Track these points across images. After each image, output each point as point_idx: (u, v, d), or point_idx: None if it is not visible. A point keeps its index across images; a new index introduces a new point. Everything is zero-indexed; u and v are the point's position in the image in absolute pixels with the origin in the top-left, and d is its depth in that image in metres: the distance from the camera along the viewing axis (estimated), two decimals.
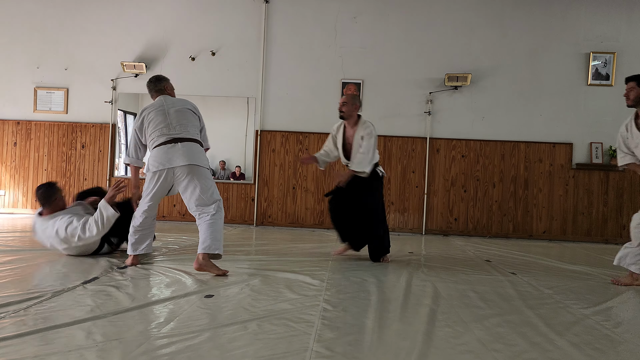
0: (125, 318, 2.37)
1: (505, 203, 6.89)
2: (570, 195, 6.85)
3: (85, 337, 2.07)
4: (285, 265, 3.93)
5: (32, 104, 7.30)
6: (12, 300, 2.56)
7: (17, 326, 2.17)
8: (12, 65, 7.33)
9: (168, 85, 4.21)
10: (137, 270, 3.53)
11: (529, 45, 6.92)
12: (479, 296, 3.11)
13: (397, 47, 7.01)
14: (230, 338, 2.14)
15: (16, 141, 7.30)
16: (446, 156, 6.94)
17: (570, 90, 6.88)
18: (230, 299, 2.81)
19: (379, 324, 2.44)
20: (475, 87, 6.90)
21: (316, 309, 2.64)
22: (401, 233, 6.85)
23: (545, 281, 3.72)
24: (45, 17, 7.30)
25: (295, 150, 6.99)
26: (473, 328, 2.43)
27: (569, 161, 6.85)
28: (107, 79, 7.22)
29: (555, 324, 2.54)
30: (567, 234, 6.84)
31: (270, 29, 7.11)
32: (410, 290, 3.23)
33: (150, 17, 7.21)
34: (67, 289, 2.85)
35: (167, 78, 4.20)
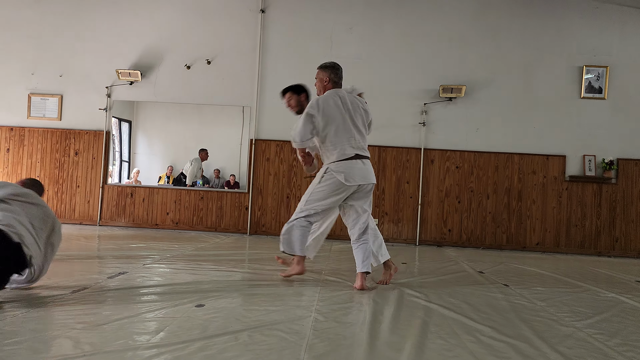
0: (114, 327, 2.34)
1: (499, 214, 6.90)
2: (563, 207, 6.87)
3: (73, 347, 2.04)
4: (277, 275, 3.90)
5: (26, 110, 7.27)
6: (0, 308, 2.53)
7: (4, 335, 2.14)
8: (6, 72, 7.31)
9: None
10: (126, 279, 3.50)
11: (523, 58, 6.97)
12: (471, 308, 3.10)
13: (393, 58, 7.04)
14: (221, 349, 2.12)
15: (9, 147, 7.26)
16: (440, 167, 6.95)
17: (564, 103, 6.93)
18: (221, 309, 2.78)
19: (370, 335, 2.42)
20: (470, 98, 6.94)
21: (308, 320, 2.62)
22: (395, 243, 6.84)
23: (538, 293, 3.71)
24: (41, 24, 7.30)
25: (290, 159, 6.98)
26: (465, 340, 2.41)
27: (562, 173, 6.88)
28: (101, 86, 7.21)
29: (548, 337, 2.53)
30: (560, 246, 6.85)
31: (266, 39, 7.13)
32: (402, 301, 3.21)
33: (146, 25, 7.22)
34: (57, 298, 2.81)
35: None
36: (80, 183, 7.20)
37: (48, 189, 7.21)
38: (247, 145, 7.14)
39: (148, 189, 7.24)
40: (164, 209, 7.10)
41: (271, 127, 7.07)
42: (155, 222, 7.09)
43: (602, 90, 6.87)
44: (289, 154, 7.01)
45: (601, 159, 6.83)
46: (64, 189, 7.19)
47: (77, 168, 7.20)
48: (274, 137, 7.06)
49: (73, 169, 7.21)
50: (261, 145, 7.07)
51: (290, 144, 6.95)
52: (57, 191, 7.19)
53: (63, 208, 7.18)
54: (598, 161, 6.84)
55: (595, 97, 6.89)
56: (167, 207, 7.10)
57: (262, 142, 7.07)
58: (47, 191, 7.22)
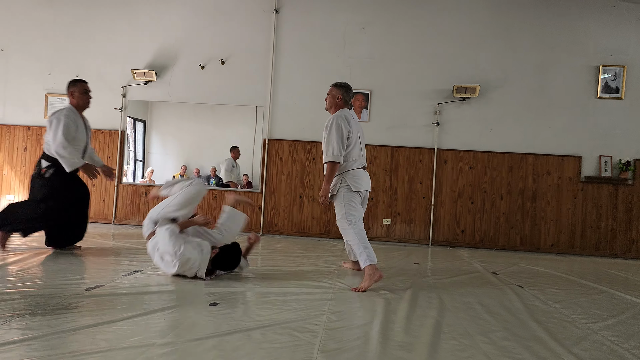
0: (130, 324, 2.37)
1: (512, 215, 6.85)
2: (578, 209, 6.80)
3: (90, 343, 2.07)
4: (290, 275, 3.92)
5: (43, 110, 7.37)
6: (18, 305, 2.57)
7: (22, 331, 2.18)
8: (24, 72, 7.42)
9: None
10: (142, 277, 3.54)
11: (537, 58, 6.91)
12: (485, 309, 3.09)
13: (406, 58, 7.02)
14: (234, 346, 2.13)
15: (26, 146, 7.37)
16: (454, 167, 6.92)
17: (580, 103, 6.85)
18: (235, 307, 2.80)
19: (383, 335, 2.42)
20: (484, 98, 6.89)
21: (321, 319, 2.63)
22: (407, 244, 6.82)
23: (552, 295, 3.68)
24: (57, 25, 7.40)
25: (303, 159, 7.00)
26: (479, 341, 2.40)
27: (578, 174, 6.80)
28: (117, 86, 7.29)
29: (562, 339, 2.51)
30: (575, 248, 6.78)
31: (280, 39, 7.15)
32: (415, 301, 3.20)
33: (161, 25, 7.28)
34: (73, 295, 2.86)
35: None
36: (95, 182, 7.27)
37: None
38: (260, 145, 7.17)
39: None
40: None
41: (284, 127, 7.09)
42: None
43: (619, 90, 6.78)
44: (302, 153, 7.03)
45: (618, 159, 6.74)
46: None
47: None
48: (287, 137, 7.08)
49: None
50: (274, 145, 7.09)
51: (302, 144, 6.98)
52: None
53: None
54: (614, 162, 6.76)
55: (612, 97, 6.80)
56: None
57: (275, 141, 7.09)
58: None
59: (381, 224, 6.91)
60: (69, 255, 4.26)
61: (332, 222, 6.99)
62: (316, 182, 7.01)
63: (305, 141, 7.02)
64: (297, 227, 7.04)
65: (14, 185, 7.38)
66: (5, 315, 2.38)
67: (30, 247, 4.56)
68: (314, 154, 7.01)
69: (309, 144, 7.00)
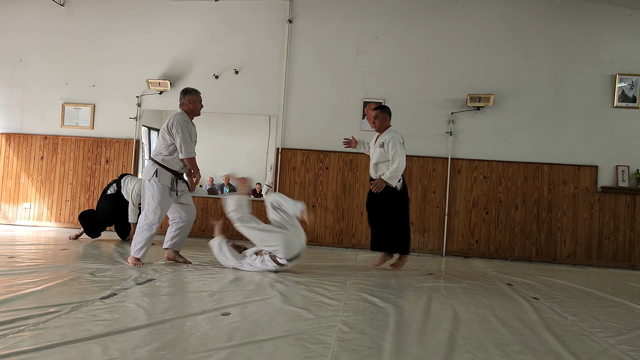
0: (142, 334, 2.37)
1: (528, 226, 6.76)
2: (595, 219, 6.70)
3: (102, 353, 2.08)
4: (302, 284, 3.90)
5: (60, 119, 7.48)
6: (31, 313, 2.59)
7: (35, 339, 2.19)
8: (41, 81, 7.54)
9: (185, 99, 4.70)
10: (155, 286, 3.55)
11: (552, 67, 6.85)
12: (500, 321, 3.04)
13: (419, 68, 7.01)
14: (246, 358, 2.12)
15: (43, 155, 7.47)
16: (468, 177, 6.86)
17: (596, 112, 6.77)
18: (247, 318, 2.79)
19: (396, 347, 2.39)
20: (498, 108, 6.85)
21: (333, 330, 2.61)
22: (421, 254, 6.76)
23: (569, 307, 3.62)
24: (74, 36, 7.52)
25: (316, 168, 7.00)
26: (494, 354, 2.36)
27: (594, 184, 6.71)
28: (132, 95, 7.37)
29: (579, 353, 2.46)
30: (592, 259, 6.67)
31: (293, 48, 7.19)
32: (429, 313, 3.17)
33: (175, 35, 7.37)
34: (86, 304, 2.87)
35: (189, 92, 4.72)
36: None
37: (80, 196, 7.39)
38: (274, 154, 7.18)
39: None
40: None
41: (297, 136, 7.10)
42: None
43: (637, 99, 6.69)
44: (314, 162, 7.02)
45: (635, 169, 6.64)
46: (95, 197, 7.34)
47: (108, 176, 7.35)
48: (300, 146, 7.09)
49: (104, 176, 7.36)
50: (287, 154, 7.10)
51: (315, 153, 6.98)
52: (88, 198, 7.35)
53: None
54: (632, 172, 6.65)
55: (629, 106, 6.71)
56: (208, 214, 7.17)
57: (288, 151, 7.10)
58: (78, 198, 7.40)
59: None
60: (82, 264, 4.30)
61: (345, 231, 6.97)
62: (329, 191, 7.00)
63: (318, 150, 7.02)
64: (309, 236, 6.99)
65: (30, 194, 7.48)
66: (18, 324, 2.39)
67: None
68: (326, 163, 7.01)
69: (321, 153, 7.00)
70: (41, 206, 7.45)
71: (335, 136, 7.00)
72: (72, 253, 4.94)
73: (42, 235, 6.34)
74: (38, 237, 6.13)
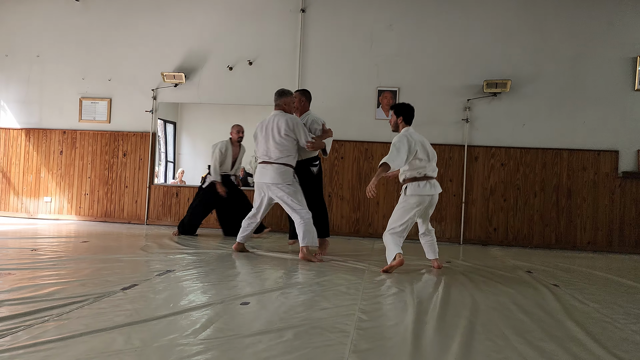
0: (163, 323, 2.40)
1: (547, 213, 6.68)
2: (616, 205, 6.59)
3: (125, 342, 2.11)
4: (320, 274, 3.91)
5: (78, 113, 7.57)
6: (55, 304, 2.63)
7: (59, 329, 2.23)
8: (59, 77, 7.63)
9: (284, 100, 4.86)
10: (175, 277, 3.59)
11: (571, 50, 6.72)
12: (520, 309, 3.01)
13: (434, 54, 6.93)
14: (266, 346, 2.14)
15: (62, 150, 7.57)
16: (485, 164, 6.79)
17: (616, 96, 6.64)
18: (266, 307, 2.81)
19: (415, 335, 2.39)
20: (515, 93, 6.75)
21: (352, 319, 2.61)
22: (438, 242, 6.70)
23: (590, 294, 3.57)
24: (90, 31, 7.58)
25: (332, 158, 6.98)
26: (515, 342, 2.34)
27: (615, 169, 6.59)
28: (147, 89, 7.42)
29: (602, 340, 2.43)
30: (613, 245, 6.57)
31: (306, 38, 7.16)
32: (447, 301, 3.15)
33: (189, 28, 7.38)
34: (108, 295, 2.91)
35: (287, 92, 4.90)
36: (128, 183, 7.43)
37: (98, 189, 7.48)
38: None
39: (193, 189, 7.39)
40: None
41: None
42: None
43: None
44: (330, 152, 6.98)
45: None
46: (114, 189, 7.44)
47: (126, 169, 7.43)
48: None
49: (122, 170, 7.45)
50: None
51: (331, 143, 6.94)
52: (106, 192, 7.45)
53: (112, 208, 7.44)
54: None
55: None
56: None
57: None
58: (97, 192, 7.50)
59: None
60: (103, 256, 4.36)
61: (362, 221, 6.96)
62: (344, 181, 6.99)
63: (333, 140, 6.99)
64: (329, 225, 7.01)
65: (50, 188, 7.59)
66: (42, 315, 2.44)
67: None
68: (342, 153, 6.99)
69: (337, 143, 6.98)
70: (61, 200, 7.57)
71: (350, 125, 6.98)
72: (93, 246, 5.02)
73: (63, 229, 6.44)
74: (59, 230, 6.23)
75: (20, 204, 7.65)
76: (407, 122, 4.40)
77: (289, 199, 4.56)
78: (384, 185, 6.87)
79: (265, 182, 4.57)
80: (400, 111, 4.43)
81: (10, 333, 2.15)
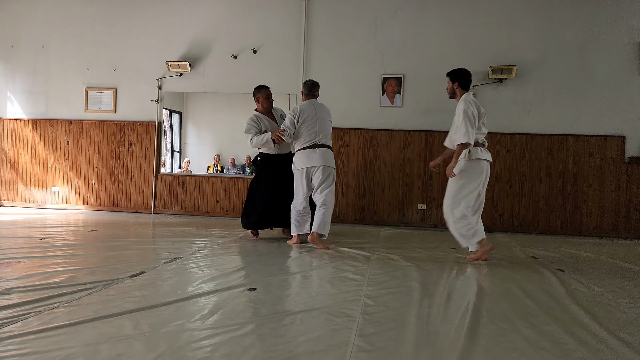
0: (171, 309, 2.44)
1: (552, 199, 6.67)
2: (622, 191, 6.57)
3: (133, 327, 2.14)
4: (326, 260, 3.94)
5: (83, 104, 7.59)
6: (65, 291, 2.67)
7: (69, 315, 2.27)
8: (64, 67, 7.65)
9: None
10: (182, 264, 3.62)
11: (577, 35, 6.66)
12: (525, 293, 3.03)
13: (439, 41, 6.89)
14: (273, 331, 2.17)
15: (69, 140, 7.61)
16: (490, 151, 6.75)
17: (623, 81, 6.58)
18: (272, 293, 2.84)
19: (421, 319, 2.41)
20: (521, 79, 6.71)
21: (358, 304, 2.64)
22: (443, 229, 6.73)
23: (595, 279, 3.58)
24: (95, 21, 7.58)
25: (337, 145, 6.98)
26: (519, 326, 2.36)
27: (621, 155, 6.56)
28: (152, 78, 7.43)
29: (607, 323, 2.44)
30: (619, 231, 6.56)
31: (311, 26, 7.13)
32: (453, 286, 3.17)
33: (193, 17, 7.36)
34: (116, 282, 2.95)
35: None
36: (135, 173, 7.47)
37: (105, 179, 7.53)
38: None
39: (199, 178, 7.43)
40: (214, 197, 7.27)
41: None
42: (207, 210, 7.27)
43: None
44: (335, 140, 7.00)
45: None
46: (120, 179, 7.49)
47: (132, 159, 7.47)
48: None
49: (128, 159, 7.48)
50: None
51: (336, 131, 6.95)
52: (113, 181, 7.49)
53: (119, 197, 7.49)
54: None
55: None
56: (217, 195, 7.26)
57: None
58: (104, 181, 7.55)
59: (416, 209, 6.86)
60: (111, 245, 4.40)
61: (367, 208, 6.98)
62: (350, 169, 6.99)
63: (338, 128, 6.98)
64: (332, 214, 7.03)
65: (58, 178, 7.65)
66: (52, 301, 2.48)
67: None
68: (347, 140, 6.99)
69: (342, 131, 6.97)
70: (69, 190, 7.62)
71: (355, 113, 6.97)
72: (101, 234, 5.07)
73: (71, 218, 6.50)
74: (67, 220, 6.29)
75: (29, 194, 7.72)
76: (464, 87, 4.30)
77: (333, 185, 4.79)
78: (388, 172, 6.87)
79: (331, 166, 4.72)
80: (456, 77, 4.34)
81: (22, 319, 2.19)
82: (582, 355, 1.99)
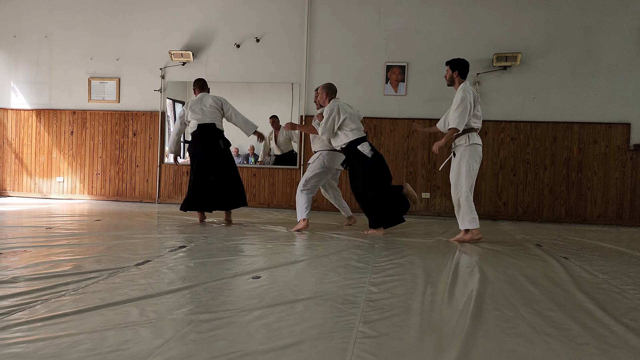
0: (177, 297, 2.45)
1: (557, 187, 6.66)
2: (627, 178, 6.54)
3: (140, 315, 2.16)
4: (330, 248, 3.95)
5: (87, 94, 7.60)
6: (71, 279, 2.69)
7: (76, 303, 2.28)
8: (67, 57, 7.64)
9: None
10: (187, 253, 3.64)
11: (583, 22, 6.60)
12: (528, 280, 3.04)
13: (443, 28, 6.84)
14: (278, 317, 2.18)
15: (73, 130, 7.63)
16: (494, 139, 6.76)
17: (628, 67, 6.53)
18: (277, 280, 2.86)
19: (424, 306, 2.42)
20: (526, 67, 6.66)
21: (362, 291, 2.65)
22: (447, 217, 6.74)
23: (600, 266, 3.58)
24: (97, 10, 7.55)
25: None
26: (523, 312, 2.37)
27: (626, 142, 6.53)
28: (156, 68, 7.42)
29: (611, 309, 2.45)
30: (623, 219, 6.55)
31: (314, 14, 7.09)
32: (457, 273, 3.18)
33: (196, 6, 7.33)
34: (122, 270, 2.97)
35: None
36: (139, 163, 7.49)
37: (110, 169, 7.55)
38: (297, 121, 7.18)
39: None
40: None
41: None
42: None
43: None
44: None
45: None
46: (124, 169, 7.51)
47: (136, 148, 7.48)
48: None
49: (132, 149, 7.50)
50: (311, 122, 7.07)
51: None
52: (118, 171, 7.52)
53: (124, 187, 7.52)
54: None
55: None
56: None
57: (312, 118, 7.07)
58: (109, 171, 7.57)
59: (420, 197, 6.85)
60: (117, 233, 4.43)
61: None
62: None
63: None
64: None
65: (62, 168, 7.68)
66: (59, 289, 2.50)
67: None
68: None
69: None
70: (74, 180, 7.65)
71: (358, 101, 6.94)
72: (107, 224, 5.09)
73: (76, 208, 6.53)
74: (73, 210, 6.32)
75: (34, 184, 7.75)
76: (462, 76, 4.54)
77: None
78: (392, 161, 6.86)
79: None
80: (455, 65, 4.55)
81: (29, 307, 2.21)
82: (585, 341, 2.00)
